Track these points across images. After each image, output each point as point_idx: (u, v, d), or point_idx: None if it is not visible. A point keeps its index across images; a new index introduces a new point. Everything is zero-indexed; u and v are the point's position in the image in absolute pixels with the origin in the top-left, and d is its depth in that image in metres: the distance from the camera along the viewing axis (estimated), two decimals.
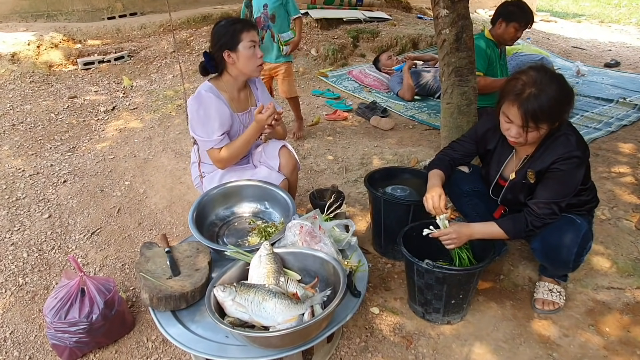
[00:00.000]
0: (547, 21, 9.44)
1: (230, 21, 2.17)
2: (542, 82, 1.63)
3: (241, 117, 2.29)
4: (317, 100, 4.55)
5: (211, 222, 2.16)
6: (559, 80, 1.66)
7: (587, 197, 1.91)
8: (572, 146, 1.71)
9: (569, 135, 1.74)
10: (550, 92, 1.62)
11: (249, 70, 2.18)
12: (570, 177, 1.74)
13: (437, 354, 1.84)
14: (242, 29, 2.12)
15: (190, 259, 1.86)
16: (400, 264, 2.34)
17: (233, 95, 2.26)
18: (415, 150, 3.42)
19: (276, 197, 2.20)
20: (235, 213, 2.25)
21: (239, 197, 2.25)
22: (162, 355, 1.87)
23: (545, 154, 1.77)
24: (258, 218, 2.23)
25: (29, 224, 2.74)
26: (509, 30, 3.43)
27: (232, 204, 2.25)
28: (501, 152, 1.97)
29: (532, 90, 1.63)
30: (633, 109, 4.32)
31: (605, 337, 1.89)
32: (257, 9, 3.51)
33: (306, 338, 1.53)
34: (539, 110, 1.62)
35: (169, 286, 1.69)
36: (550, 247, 1.87)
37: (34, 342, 1.97)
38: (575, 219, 1.85)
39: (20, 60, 4.82)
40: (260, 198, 2.25)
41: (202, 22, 6.22)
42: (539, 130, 1.68)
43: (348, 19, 6.40)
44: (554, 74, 1.68)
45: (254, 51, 2.14)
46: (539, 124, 1.65)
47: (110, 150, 3.61)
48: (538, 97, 1.61)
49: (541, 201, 1.77)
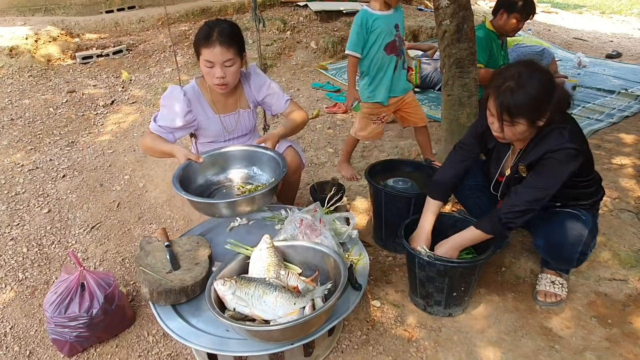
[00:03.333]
0: (548, 12, 9.37)
1: (203, 28, 1.98)
2: (520, 77, 1.60)
3: (225, 119, 2.19)
4: (317, 93, 4.52)
5: (198, 187, 2.10)
6: (542, 76, 1.62)
7: (590, 189, 1.89)
8: (564, 139, 1.66)
9: (562, 129, 1.69)
10: (528, 87, 1.58)
11: (209, 83, 2.07)
12: (556, 169, 1.69)
13: (439, 347, 1.83)
14: (202, 43, 1.95)
15: (190, 253, 1.85)
16: (402, 256, 2.33)
17: (217, 97, 2.15)
18: (416, 142, 3.39)
19: (262, 159, 2.14)
20: (223, 180, 2.19)
21: (226, 164, 2.19)
22: (162, 349, 1.87)
23: (536, 147, 1.74)
24: (247, 183, 2.18)
25: (28, 219, 2.73)
26: (510, 21, 3.40)
27: (220, 171, 2.19)
28: (500, 149, 1.95)
29: (510, 84, 1.60)
30: (635, 100, 4.30)
31: (607, 328, 1.89)
32: (388, 31, 2.64)
33: (307, 331, 1.52)
34: (513, 104, 1.59)
35: (169, 280, 1.68)
36: (553, 244, 1.86)
37: (34, 337, 1.97)
38: (580, 215, 1.82)
39: (18, 55, 4.79)
40: (249, 162, 2.19)
41: (201, 15, 6.18)
42: (514, 125, 1.64)
43: (348, 11, 6.35)
44: (537, 70, 1.63)
45: (210, 70, 1.98)
46: (514, 119, 1.62)
47: (110, 144, 3.60)
48: (514, 92, 1.59)
49: (520, 191, 1.74)
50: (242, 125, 2.26)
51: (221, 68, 1.96)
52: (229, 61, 1.97)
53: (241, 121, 2.24)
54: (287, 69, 5.10)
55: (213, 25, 1.97)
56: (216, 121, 2.17)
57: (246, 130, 2.30)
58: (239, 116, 2.22)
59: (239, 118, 2.23)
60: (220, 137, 2.22)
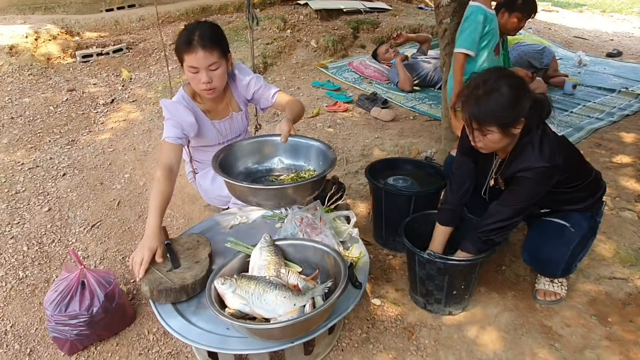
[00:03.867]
0: (548, 11, 9.36)
1: (183, 33, 1.88)
2: (486, 84, 1.58)
3: (219, 125, 2.15)
4: (317, 92, 4.52)
5: (239, 173, 2.08)
6: (511, 81, 1.59)
7: (582, 193, 1.86)
8: (536, 156, 1.64)
9: (534, 144, 1.66)
10: (495, 94, 1.56)
11: (195, 89, 1.99)
12: (528, 188, 1.69)
13: (439, 345, 1.83)
14: (183, 49, 1.86)
15: (190, 252, 1.85)
16: (402, 255, 2.33)
17: (208, 104, 2.10)
18: (416, 141, 3.40)
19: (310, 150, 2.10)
20: (266, 169, 2.16)
21: (270, 153, 2.16)
22: (163, 347, 1.87)
23: (512, 162, 1.73)
24: (291, 172, 2.13)
25: (28, 217, 2.73)
26: (511, 20, 3.39)
27: (263, 160, 2.17)
28: (485, 162, 1.91)
29: (477, 92, 1.59)
30: (635, 99, 4.30)
31: (607, 327, 1.89)
32: (496, 30, 2.72)
33: (307, 330, 1.52)
34: (479, 112, 1.59)
35: (169, 279, 1.68)
36: (537, 260, 1.92)
37: (34, 335, 1.97)
38: (569, 228, 1.83)
39: (18, 53, 4.79)
40: (295, 155, 2.15)
41: (201, 14, 6.17)
42: (485, 134, 1.62)
43: (348, 10, 6.34)
44: (506, 76, 1.61)
45: (195, 76, 1.90)
46: (484, 127, 1.61)
47: (110, 143, 3.60)
48: (480, 99, 1.58)
49: (487, 215, 1.77)
50: (235, 128, 2.24)
51: (206, 73, 1.88)
52: (213, 64, 1.89)
53: (235, 125, 2.22)
54: (288, 67, 5.10)
55: (193, 29, 1.88)
56: (211, 128, 2.13)
57: (239, 131, 2.28)
58: (232, 120, 2.20)
59: (232, 122, 2.20)
60: (215, 141, 2.19)
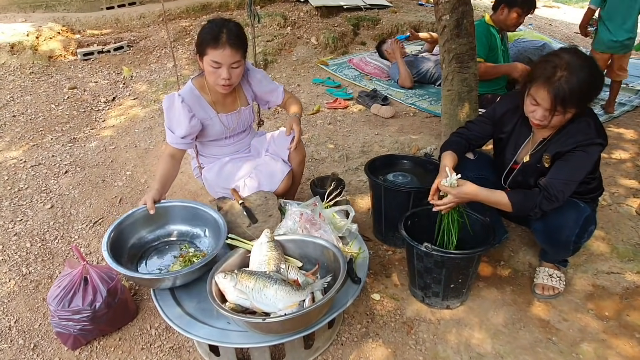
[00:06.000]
0: (549, 7, 9.34)
1: (209, 28, 1.95)
2: (573, 66, 1.59)
3: (226, 118, 2.19)
4: (317, 89, 4.53)
5: (134, 245, 1.97)
6: (591, 64, 1.63)
7: (593, 185, 1.90)
8: (593, 132, 1.69)
9: (589, 121, 1.71)
10: (582, 76, 1.58)
11: (211, 83, 2.05)
12: (585, 162, 1.71)
13: (437, 339, 1.85)
14: (209, 44, 1.91)
15: (261, 207, 2.02)
16: (401, 250, 2.35)
17: (217, 97, 2.15)
18: (416, 137, 3.41)
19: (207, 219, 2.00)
20: (166, 236, 2.06)
21: (167, 219, 2.06)
22: (165, 342, 1.89)
23: (564, 138, 1.75)
24: (192, 245, 2.03)
25: (31, 215, 2.76)
26: (511, 16, 3.40)
27: (161, 226, 2.06)
28: (519, 136, 1.93)
29: (563, 73, 1.59)
30: (635, 95, 4.30)
31: (604, 321, 1.91)
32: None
33: (307, 324, 1.54)
34: (568, 94, 1.59)
35: (252, 233, 1.89)
36: (552, 227, 1.87)
37: (38, 330, 1.99)
38: (578, 202, 1.85)
39: (19, 51, 4.80)
40: (194, 222, 2.06)
41: (202, 11, 6.18)
42: (564, 115, 1.66)
43: (348, 7, 6.34)
44: (586, 58, 1.64)
45: (215, 71, 1.96)
46: (567, 108, 1.63)
47: (111, 140, 3.62)
48: (569, 81, 1.58)
49: (555, 182, 1.73)
50: (242, 122, 2.28)
51: (228, 69, 1.95)
52: (235, 63, 1.96)
53: (242, 119, 2.27)
54: (288, 64, 5.11)
55: (221, 25, 1.93)
56: (217, 121, 2.17)
57: (245, 126, 2.33)
58: (239, 114, 2.24)
59: (240, 116, 2.25)
60: (221, 135, 2.23)
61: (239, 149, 2.35)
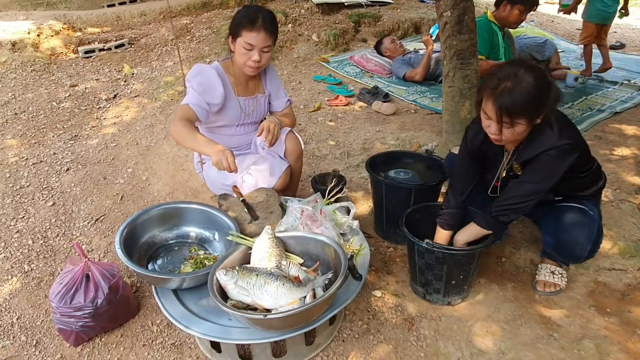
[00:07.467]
0: (551, 3, 9.31)
1: (245, 11, 2.04)
2: (516, 76, 1.56)
3: (244, 102, 2.24)
4: (318, 86, 4.53)
5: (146, 242, 1.97)
6: (537, 74, 1.58)
7: (588, 179, 1.89)
8: (556, 135, 1.65)
9: (553, 125, 1.66)
10: (525, 85, 1.55)
11: (240, 64, 2.10)
12: (552, 165, 1.68)
13: (439, 335, 1.85)
14: (245, 26, 1.99)
15: (263, 204, 2.01)
16: (402, 247, 2.35)
17: (239, 80, 2.22)
18: (418, 134, 3.41)
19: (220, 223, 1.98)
20: (178, 237, 2.06)
21: (181, 220, 2.06)
22: (166, 338, 1.90)
23: (530, 145, 1.72)
24: (202, 247, 2.03)
25: (33, 212, 2.76)
26: (513, 12, 3.39)
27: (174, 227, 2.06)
28: (495, 156, 1.90)
29: (506, 84, 1.56)
30: (637, 91, 4.29)
31: (606, 317, 1.90)
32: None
33: (308, 320, 1.54)
34: (511, 104, 1.55)
35: (252, 230, 1.87)
36: (563, 243, 1.88)
37: (40, 327, 2.00)
38: (587, 211, 1.83)
39: (21, 49, 4.81)
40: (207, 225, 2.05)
41: (202, 9, 6.18)
42: (514, 127, 1.60)
43: (349, 4, 6.33)
44: (532, 68, 1.59)
45: (247, 52, 2.03)
46: (514, 119, 1.58)
47: (113, 138, 3.62)
48: (512, 91, 1.55)
49: (506, 192, 1.76)
50: (258, 110, 2.31)
51: (259, 52, 2.03)
52: (267, 47, 2.05)
53: (258, 106, 2.30)
54: (289, 61, 5.11)
55: (257, 9, 2.04)
56: (235, 103, 2.21)
57: (261, 116, 2.36)
58: (256, 101, 2.29)
59: (257, 103, 2.29)
60: (235, 120, 2.26)
61: (242, 143, 2.36)
